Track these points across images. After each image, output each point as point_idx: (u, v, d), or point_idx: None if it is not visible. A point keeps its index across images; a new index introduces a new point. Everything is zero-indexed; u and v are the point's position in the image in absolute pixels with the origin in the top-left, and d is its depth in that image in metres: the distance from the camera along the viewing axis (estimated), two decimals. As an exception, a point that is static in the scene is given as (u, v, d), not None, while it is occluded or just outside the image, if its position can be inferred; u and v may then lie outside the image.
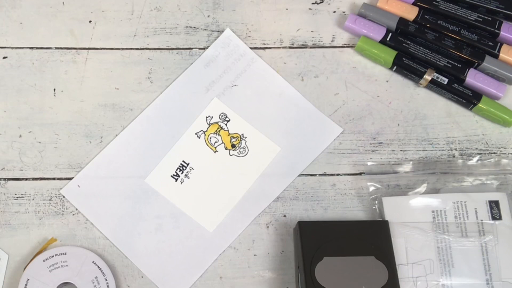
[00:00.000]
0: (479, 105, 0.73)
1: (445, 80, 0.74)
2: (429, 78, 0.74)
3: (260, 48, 0.76)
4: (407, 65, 0.74)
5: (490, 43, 0.75)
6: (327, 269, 0.64)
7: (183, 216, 0.71)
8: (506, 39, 0.76)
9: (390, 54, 0.75)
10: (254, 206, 0.71)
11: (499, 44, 0.75)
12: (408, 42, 0.75)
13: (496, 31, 0.76)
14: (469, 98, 0.73)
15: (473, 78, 0.74)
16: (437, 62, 0.75)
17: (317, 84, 0.75)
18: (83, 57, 0.75)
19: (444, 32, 0.75)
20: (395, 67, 0.75)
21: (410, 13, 0.76)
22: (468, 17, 0.76)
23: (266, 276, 0.69)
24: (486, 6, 0.76)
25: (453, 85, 0.74)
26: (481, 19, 0.76)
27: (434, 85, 0.74)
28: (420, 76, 0.74)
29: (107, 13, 0.76)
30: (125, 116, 0.73)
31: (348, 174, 0.73)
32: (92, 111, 0.73)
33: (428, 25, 0.76)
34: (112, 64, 0.75)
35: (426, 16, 0.76)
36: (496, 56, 0.75)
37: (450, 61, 0.74)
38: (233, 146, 0.73)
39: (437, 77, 0.74)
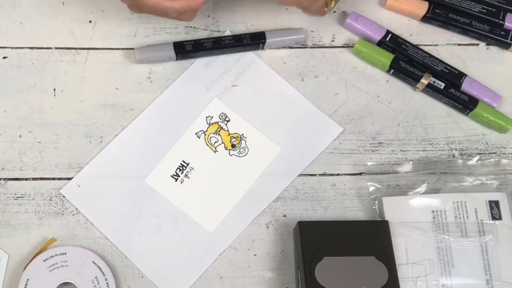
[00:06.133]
0: (475, 110, 0.73)
1: (441, 85, 0.74)
2: (426, 82, 0.74)
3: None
4: (404, 69, 0.74)
5: (502, 32, 0.75)
6: (327, 269, 0.64)
7: (183, 216, 0.71)
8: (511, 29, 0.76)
9: (387, 58, 0.74)
10: (254, 206, 0.71)
11: (510, 33, 0.75)
12: (407, 44, 0.75)
13: (501, 22, 0.76)
14: (466, 103, 0.73)
15: (469, 86, 0.74)
16: (435, 67, 0.75)
17: (317, 84, 0.75)
18: (83, 57, 0.75)
19: (456, 24, 0.76)
20: (392, 70, 0.75)
21: (421, 8, 0.76)
22: (472, 9, 0.76)
23: (266, 276, 0.69)
24: (488, 0, 0.76)
25: (449, 90, 0.74)
26: (485, 11, 0.76)
27: (430, 90, 0.74)
28: (417, 80, 0.74)
29: (107, 13, 0.76)
30: (125, 116, 0.73)
31: (348, 174, 0.73)
32: (92, 111, 0.73)
33: (440, 19, 0.76)
34: (112, 64, 0.75)
35: (437, 10, 0.76)
36: (508, 45, 0.75)
37: (447, 67, 0.75)
38: (233, 146, 0.73)
39: (434, 82, 0.74)
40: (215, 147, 0.73)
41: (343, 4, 0.78)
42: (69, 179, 0.71)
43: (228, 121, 0.74)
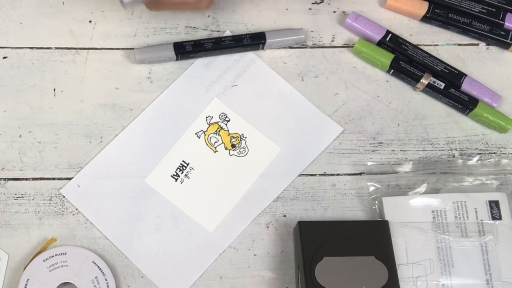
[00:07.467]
0: (475, 110, 0.73)
1: (441, 85, 0.74)
2: (426, 82, 0.74)
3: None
4: (404, 69, 0.74)
5: (502, 32, 0.75)
6: (327, 269, 0.64)
7: (183, 216, 0.71)
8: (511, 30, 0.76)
9: (387, 58, 0.74)
10: (254, 206, 0.71)
11: (510, 33, 0.75)
12: (407, 44, 0.75)
13: (501, 22, 0.76)
14: (466, 103, 0.73)
15: (469, 86, 0.74)
16: (435, 67, 0.75)
17: (317, 84, 0.75)
18: (83, 57, 0.75)
19: (456, 24, 0.76)
20: (392, 70, 0.75)
21: (421, 8, 0.76)
22: (472, 9, 0.76)
23: (266, 276, 0.69)
24: (488, 0, 0.76)
25: (449, 90, 0.74)
26: (486, 11, 0.76)
27: (430, 90, 0.74)
28: (417, 80, 0.74)
29: (107, 13, 0.76)
30: (125, 116, 0.73)
31: (348, 174, 0.73)
32: (92, 111, 0.73)
33: (440, 19, 0.76)
34: (112, 64, 0.75)
35: (437, 10, 0.76)
36: (508, 45, 0.75)
37: (447, 67, 0.75)
38: (233, 146, 0.73)
39: (434, 82, 0.74)
40: (215, 147, 0.73)
41: (343, 4, 0.78)
42: (69, 179, 0.71)
43: (228, 121, 0.74)
